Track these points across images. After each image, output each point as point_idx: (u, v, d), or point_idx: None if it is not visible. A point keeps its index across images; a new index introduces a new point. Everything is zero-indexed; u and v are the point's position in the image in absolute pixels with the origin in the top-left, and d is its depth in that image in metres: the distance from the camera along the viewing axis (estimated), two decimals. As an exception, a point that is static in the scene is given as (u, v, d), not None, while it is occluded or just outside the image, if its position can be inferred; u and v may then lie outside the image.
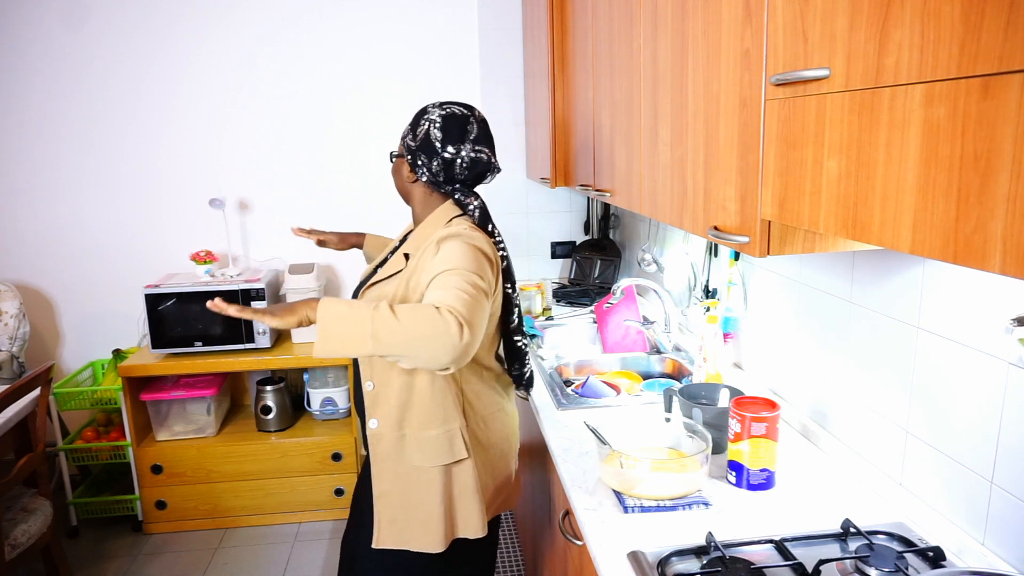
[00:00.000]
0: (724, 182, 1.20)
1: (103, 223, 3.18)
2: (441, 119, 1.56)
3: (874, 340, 1.39)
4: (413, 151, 1.58)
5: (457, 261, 1.41)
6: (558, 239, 3.39)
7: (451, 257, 1.42)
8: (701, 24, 1.26)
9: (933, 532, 1.22)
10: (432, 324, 1.24)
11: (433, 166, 1.56)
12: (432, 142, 1.55)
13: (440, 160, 1.55)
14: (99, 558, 2.83)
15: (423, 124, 1.57)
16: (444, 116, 1.56)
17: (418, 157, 1.57)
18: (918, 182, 0.73)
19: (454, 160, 1.55)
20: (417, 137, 1.57)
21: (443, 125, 1.55)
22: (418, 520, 1.55)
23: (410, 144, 1.58)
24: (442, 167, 1.56)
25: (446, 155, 1.55)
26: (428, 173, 1.57)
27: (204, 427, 3.00)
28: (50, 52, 3.02)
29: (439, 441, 1.53)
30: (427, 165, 1.56)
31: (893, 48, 0.76)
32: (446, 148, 1.55)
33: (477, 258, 1.44)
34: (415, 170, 1.59)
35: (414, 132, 1.58)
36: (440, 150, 1.55)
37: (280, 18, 3.10)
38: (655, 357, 2.24)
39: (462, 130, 1.56)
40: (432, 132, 1.55)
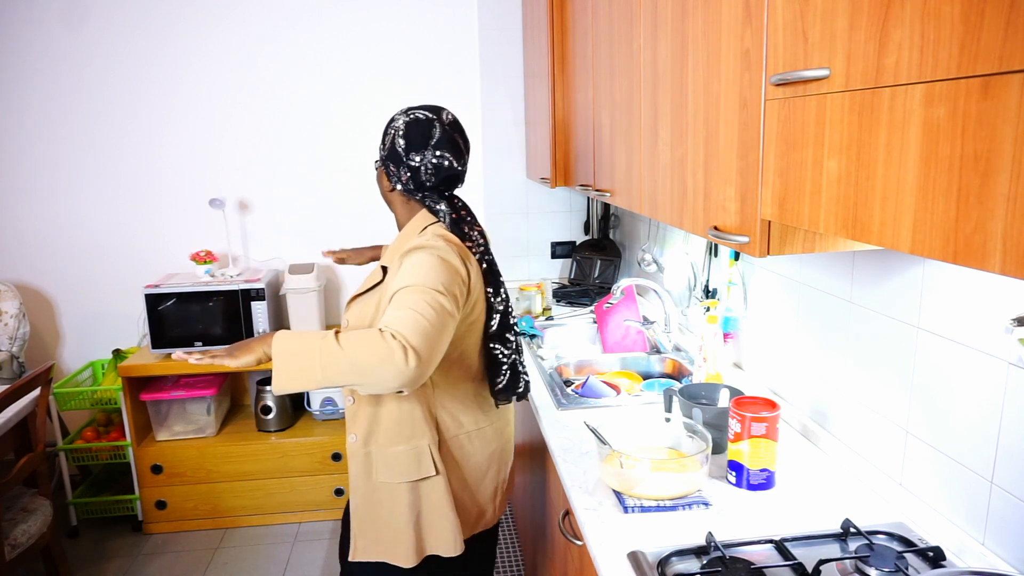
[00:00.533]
0: (724, 182, 1.20)
1: (103, 223, 3.18)
2: (404, 126, 1.53)
3: (874, 340, 1.39)
4: (384, 160, 1.57)
5: (417, 276, 1.35)
6: (558, 239, 3.38)
7: (412, 272, 1.37)
8: (701, 24, 1.26)
9: (933, 532, 1.22)
10: (375, 351, 1.22)
11: (402, 174, 1.54)
12: (397, 151, 1.53)
13: (407, 168, 1.53)
14: (99, 558, 2.83)
15: (389, 133, 1.55)
16: (407, 123, 1.53)
17: (388, 166, 1.56)
18: (918, 182, 0.73)
19: (419, 168, 1.52)
20: (385, 146, 1.56)
21: (406, 132, 1.52)
22: (387, 535, 1.56)
23: (381, 154, 1.58)
24: (409, 175, 1.53)
25: (412, 163, 1.52)
26: (399, 182, 1.55)
27: (204, 427, 3.00)
28: (50, 52, 3.02)
29: (405, 457, 1.52)
30: (397, 174, 1.55)
31: (893, 48, 0.76)
32: (410, 156, 1.52)
33: (440, 271, 1.38)
34: (390, 179, 1.58)
35: (383, 141, 1.58)
36: (405, 158, 1.52)
37: (280, 18, 3.10)
38: (655, 357, 2.24)
39: (425, 136, 1.52)
40: (397, 141, 1.53)
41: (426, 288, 1.33)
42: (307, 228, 3.29)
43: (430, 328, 1.27)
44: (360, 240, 3.31)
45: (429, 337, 1.27)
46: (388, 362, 1.21)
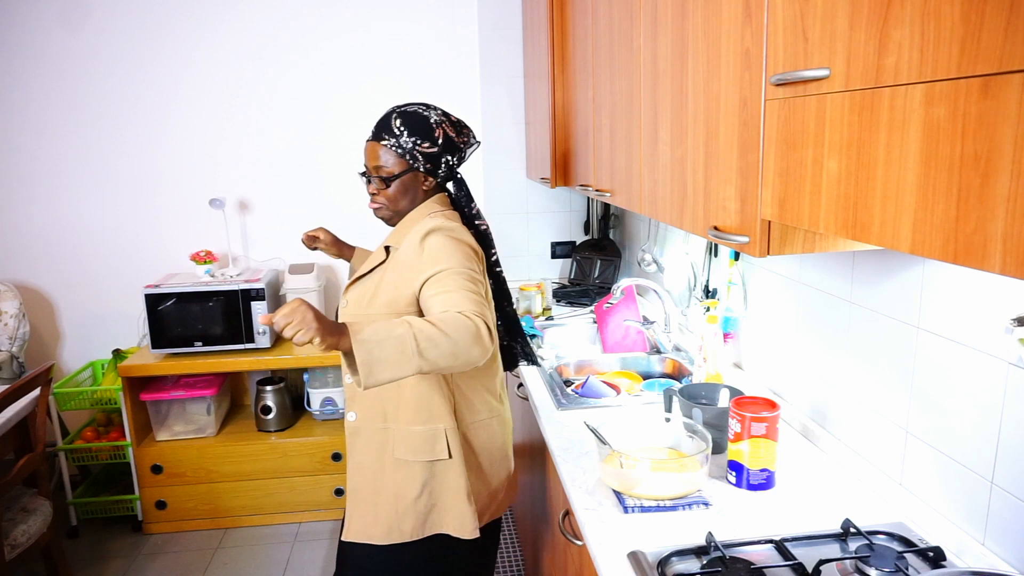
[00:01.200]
0: (724, 182, 1.20)
1: (103, 223, 3.18)
2: (444, 117, 1.58)
3: (874, 340, 1.39)
4: (436, 156, 1.55)
5: (449, 260, 1.43)
6: (558, 239, 3.38)
7: (440, 256, 1.44)
8: (701, 24, 1.26)
9: (933, 532, 1.21)
10: (467, 331, 1.27)
11: (453, 162, 1.59)
12: (454, 140, 1.57)
13: (459, 155, 1.60)
14: (99, 558, 2.83)
15: (435, 126, 1.55)
16: (443, 114, 1.59)
17: (441, 159, 1.57)
18: (918, 182, 0.73)
19: (465, 148, 1.61)
20: (437, 141, 1.55)
21: (450, 122, 1.58)
22: (392, 512, 1.56)
23: (431, 151, 1.54)
24: (457, 160, 1.60)
25: (461, 145, 1.59)
26: (446, 171, 1.59)
27: (204, 427, 3.00)
28: (50, 52, 3.02)
29: (422, 438, 1.54)
30: (449, 163, 1.58)
31: (893, 48, 0.76)
32: (458, 146, 1.59)
33: (465, 251, 1.47)
34: (435, 174, 1.58)
35: (432, 140, 1.54)
36: (457, 147, 1.58)
37: (279, 18, 3.10)
38: (655, 357, 2.24)
39: (460, 126, 1.61)
40: (448, 131, 1.57)
41: (463, 269, 1.42)
42: (307, 228, 3.28)
43: (484, 306, 1.37)
44: (360, 240, 3.31)
45: (488, 313, 1.36)
46: (478, 340, 1.28)
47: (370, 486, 1.58)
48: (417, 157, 1.54)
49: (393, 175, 1.55)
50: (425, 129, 1.54)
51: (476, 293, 1.37)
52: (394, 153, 1.53)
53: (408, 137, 1.53)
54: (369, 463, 1.59)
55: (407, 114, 1.55)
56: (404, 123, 1.53)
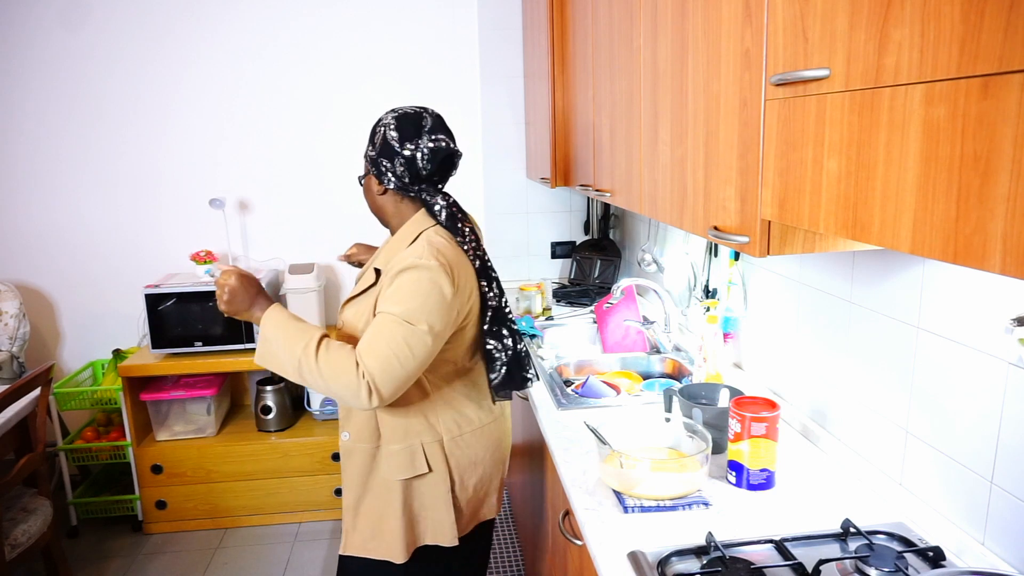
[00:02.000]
0: (724, 182, 1.20)
1: (103, 223, 3.18)
2: (395, 120, 1.54)
3: (874, 340, 1.39)
4: (375, 159, 1.55)
5: (405, 304, 1.40)
6: (558, 239, 3.38)
7: (401, 296, 1.41)
8: (701, 24, 1.26)
9: (933, 532, 1.22)
10: (346, 383, 1.38)
11: (397, 168, 1.53)
12: (390, 143, 1.52)
13: (402, 159, 1.52)
14: (99, 558, 2.83)
15: (379, 131, 1.55)
16: (397, 117, 1.54)
17: (380, 164, 1.54)
18: (918, 182, 0.73)
19: (415, 156, 1.51)
20: (376, 144, 1.54)
21: (397, 125, 1.53)
22: (381, 530, 1.59)
23: (370, 154, 1.56)
24: (405, 166, 1.52)
25: (406, 153, 1.51)
26: (394, 177, 1.54)
27: (204, 427, 3.00)
28: (50, 52, 3.02)
29: (400, 456, 1.55)
30: (391, 169, 1.53)
31: (893, 48, 0.76)
32: (404, 146, 1.51)
33: (428, 300, 1.41)
34: (381, 179, 1.55)
35: (372, 141, 1.56)
36: (399, 149, 1.51)
37: (279, 18, 3.10)
38: (655, 357, 2.24)
39: (416, 126, 1.53)
40: (388, 134, 1.53)
41: (409, 323, 1.40)
42: (307, 228, 3.29)
43: (399, 370, 1.39)
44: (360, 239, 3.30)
45: (396, 379, 1.39)
46: (354, 396, 1.38)
47: (362, 504, 1.61)
48: (366, 159, 1.59)
49: (360, 177, 1.64)
50: (372, 132, 1.58)
51: (395, 356, 1.37)
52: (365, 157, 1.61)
53: (369, 141, 1.59)
54: (359, 482, 1.61)
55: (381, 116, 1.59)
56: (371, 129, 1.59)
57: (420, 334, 1.40)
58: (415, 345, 1.40)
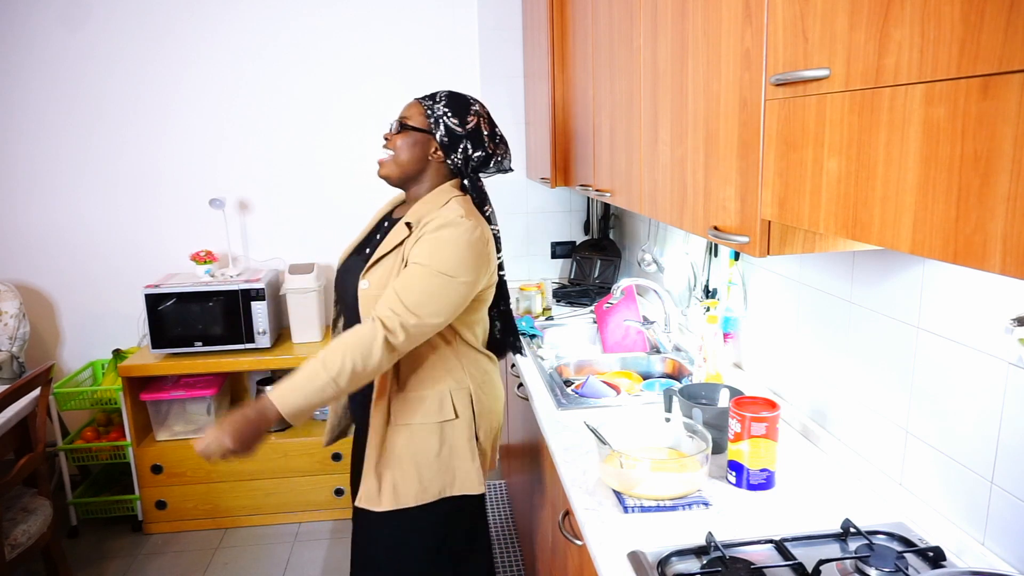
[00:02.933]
0: (724, 182, 1.20)
1: (103, 223, 3.18)
2: (487, 116, 1.67)
3: (874, 340, 1.39)
4: (458, 137, 1.61)
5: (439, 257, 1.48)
6: (558, 239, 3.38)
7: (437, 249, 1.49)
8: (701, 24, 1.26)
9: (933, 532, 1.22)
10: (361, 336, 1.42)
11: (473, 156, 1.63)
12: (482, 136, 1.63)
13: (483, 153, 1.64)
14: (99, 558, 2.83)
15: (472, 116, 1.63)
16: (488, 115, 1.68)
17: (460, 143, 1.62)
18: (918, 182, 0.73)
19: (491, 158, 1.67)
20: (467, 126, 1.62)
21: (489, 123, 1.66)
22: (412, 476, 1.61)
23: (456, 130, 1.61)
24: (479, 160, 1.65)
25: (489, 150, 1.65)
26: (462, 160, 1.63)
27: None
28: (50, 52, 3.02)
29: (429, 402, 1.61)
30: (466, 152, 1.63)
31: (893, 48, 0.76)
32: (488, 146, 1.65)
33: (469, 256, 1.50)
34: (449, 152, 1.62)
35: (462, 120, 1.61)
36: (485, 144, 1.64)
37: (279, 18, 3.10)
38: (655, 357, 2.24)
39: (497, 132, 1.69)
40: (482, 127, 1.64)
41: (446, 275, 1.46)
42: (307, 228, 3.29)
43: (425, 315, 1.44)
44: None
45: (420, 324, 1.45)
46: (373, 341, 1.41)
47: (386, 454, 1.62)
48: (440, 125, 1.61)
49: (410, 124, 1.64)
50: (462, 108, 1.63)
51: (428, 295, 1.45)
52: (423, 111, 1.63)
53: (443, 107, 1.62)
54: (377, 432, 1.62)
55: (455, 94, 1.66)
56: (447, 96, 1.64)
57: (456, 285, 1.48)
58: (448, 295, 1.48)
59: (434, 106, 1.62)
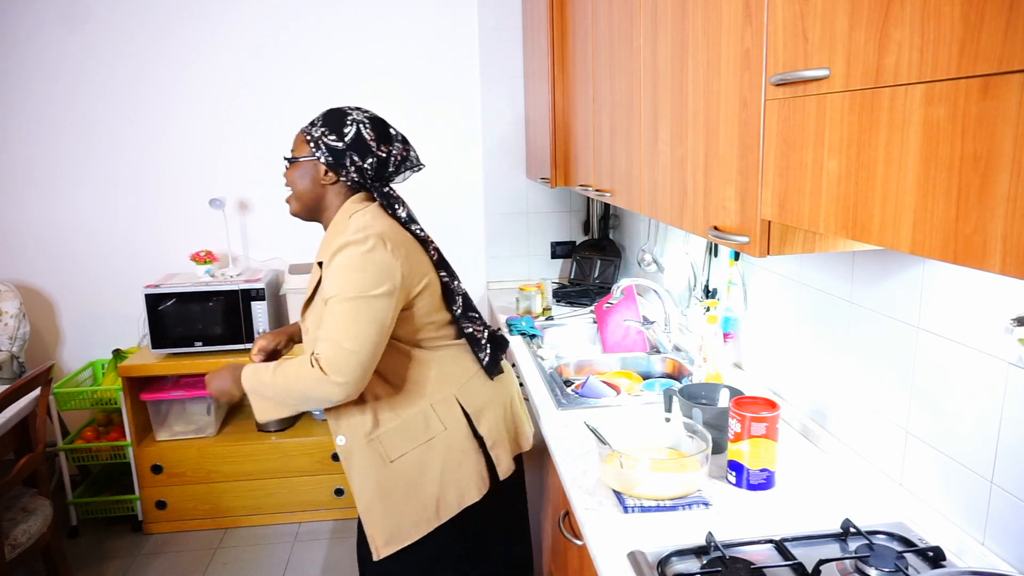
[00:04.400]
0: (724, 182, 1.20)
1: (103, 223, 3.18)
2: (369, 120, 1.56)
3: (874, 340, 1.39)
4: (340, 151, 1.54)
5: (343, 283, 1.43)
6: (558, 239, 3.38)
7: (338, 277, 1.44)
8: (701, 24, 1.26)
9: (933, 532, 1.22)
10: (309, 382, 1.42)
11: (365, 165, 1.55)
12: (367, 142, 1.54)
13: (374, 159, 1.55)
14: (99, 558, 2.83)
15: (350, 125, 1.54)
16: (371, 118, 1.57)
17: (348, 156, 1.54)
18: (918, 182, 0.73)
19: (388, 159, 1.57)
20: (346, 138, 1.54)
21: (372, 126, 1.56)
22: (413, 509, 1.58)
23: (336, 145, 1.54)
24: (375, 167, 1.56)
25: (381, 154, 1.56)
26: (357, 173, 1.55)
27: (204, 427, 3.00)
28: (50, 52, 3.02)
29: (413, 424, 1.57)
30: (355, 164, 1.54)
31: (893, 48, 0.76)
32: (380, 147, 1.56)
33: (367, 265, 1.43)
34: (338, 171, 1.55)
35: (339, 134, 1.54)
36: (375, 149, 1.55)
37: (279, 18, 3.10)
38: (655, 357, 2.24)
39: (386, 132, 1.58)
40: (364, 132, 1.54)
41: (352, 299, 1.42)
42: (307, 228, 3.27)
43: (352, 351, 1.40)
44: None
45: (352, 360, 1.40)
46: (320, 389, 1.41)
47: (384, 495, 1.59)
48: (320, 147, 1.55)
49: (295, 156, 1.59)
50: (337, 123, 1.55)
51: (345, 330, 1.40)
52: (304, 139, 1.58)
53: (320, 128, 1.56)
54: (372, 477, 1.59)
55: (331, 110, 1.59)
56: (323, 116, 1.58)
57: (371, 301, 1.42)
58: (370, 314, 1.42)
59: (312, 130, 1.56)
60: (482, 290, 3.40)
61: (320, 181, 1.58)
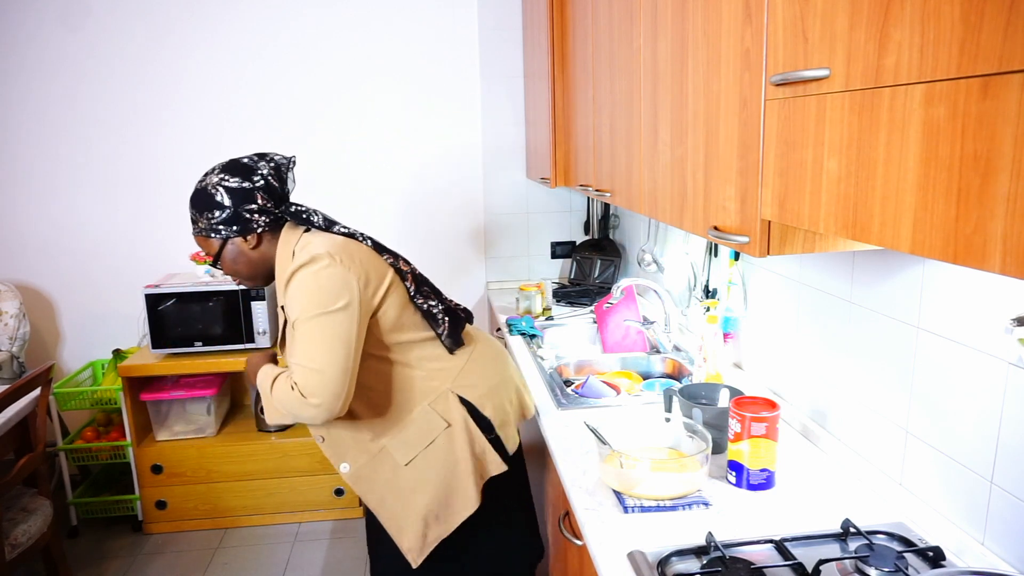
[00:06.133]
0: (724, 182, 1.20)
1: (103, 223, 3.18)
2: (223, 170, 1.52)
3: (874, 340, 1.39)
4: (235, 213, 1.50)
5: (299, 306, 1.43)
6: (558, 239, 3.38)
7: (293, 303, 1.44)
8: (701, 24, 1.26)
9: (933, 532, 1.22)
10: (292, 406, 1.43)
11: (259, 202, 1.52)
12: (241, 188, 1.50)
13: (260, 192, 1.52)
14: (99, 558, 2.83)
15: (214, 192, 1.50)
16: (223, 168, 1.53)
17: (242, 212, 1.50)
18: (918, 182, 0.73)
19: (267, 180, 1.53)
20: (224, 205, 1.50)
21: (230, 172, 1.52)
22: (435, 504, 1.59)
23: (225, 215, 1.50)
24: (266, 195, 1.53)
25: (258, 182, 1.52)
26: (261, 215, 1.52)
27: (204, 427, 3.00)
28: (49, 52, 3.02)
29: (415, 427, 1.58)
30: (256, 209, 1.51)
31: (893, 48, 0.76)
32: (252, 180, 1.51)
33: (318, 284, 1.42)
34: (250, 228, 1.52)
35: (216, 206, 1.50)
36: (251, 187, 1.51)
37: (279, 18, 3.10)
38: (655, 357, 2.24)
39: (243, 165, 1.54)
40: (229, 184, 1.50)
41: (311, 319, 1.42)
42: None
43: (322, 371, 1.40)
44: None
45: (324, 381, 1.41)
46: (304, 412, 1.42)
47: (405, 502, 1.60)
48: (218, 229, 1.51)
49: (212, 252, 1.56)
50: (207, 202, 1.50)
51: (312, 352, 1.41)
52: (203, 237, 1.54)
53: (202, 218, 1.52)
54: (388, 491, 1.61)
55: (193, 196, 1.54)
56: (192, 206, 1.54)
57: (334, 315, 1.42)
58: (335, 329, 1.42)
59: (200, 225, 1.52)
60: (482, 290, 3.40)
61: (248, 249, 1.55)
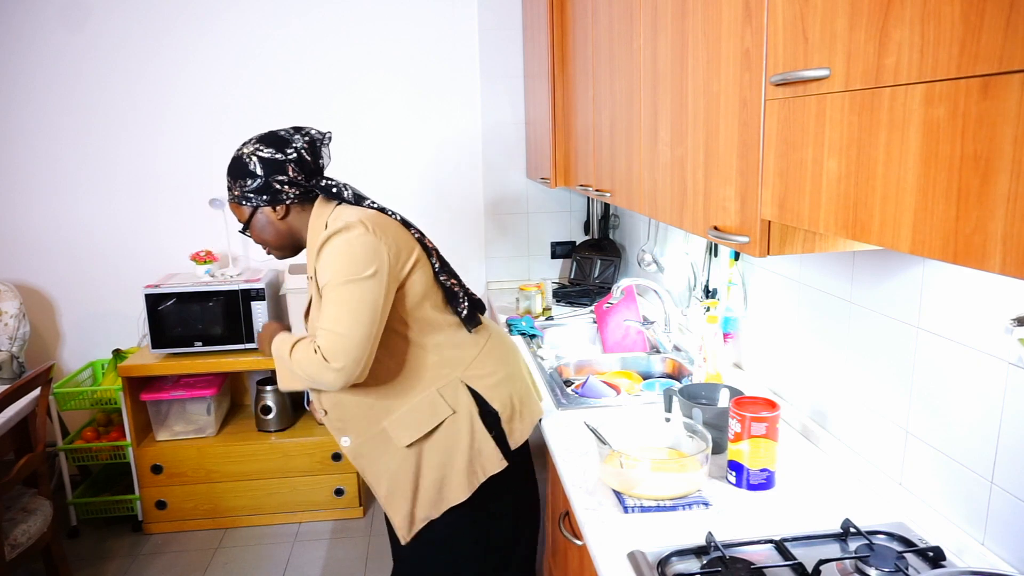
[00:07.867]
0: (724, 182, 1.20)
1: (103, 223, 3.18)
2: (259, 141, 1.57)
3: (874, 340, 1.39)
4: (265, 183, 1.55)
5: (332, 270, 1.45)
6: (558, 239, 3.38)
7: (326, 268, 1.47)
8: (701, 24, 1.26)
9: (933, 532, 1.22)
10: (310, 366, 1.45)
11: (291, 175, 1.56)
12: (273, 159, 1.55)
13: (292, 165, 1.56)
14: (99, 558, 2.83)
15: (248, 161, 1.55)
16: (260, 139, 1.57)
17: (273, 183, 1.55)
18: (918, 182, 0.73)
19: (300, 154, 1.58)
20: (255, 173, 1.55)
21: (266, 143, 1.56)
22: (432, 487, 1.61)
23: (256, 184, 1.55)
24: (297, 168, 1.57)
25: (291, 155, 1.56)
26: (291, 187, 1.56)
27: (204, 427, 3.00)
28: (49, 52, 3.02)
29: (419, 410, 1.59)
30: (286, 180, 1.56)
31: (893, 48, 0.76)
32: (286, 153, 1.56)
33: (350, 251, 1.45)
34: (279, 198, 1.57)
35: (251, 175, 1.55)
36: (283, 158, 1.56)
37: (278, 17, 3.10)
38: (655, 357, 2.24)
39: (279, 137, 1.58)
40: (263, 155, 1.55)
41: (342, 284, 1.44)
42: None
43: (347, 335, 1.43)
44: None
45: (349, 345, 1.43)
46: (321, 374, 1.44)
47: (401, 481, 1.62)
48: (249, 197, 1.57)
49: (244, 223, 1.62)
50: (242, 169, 1.56)
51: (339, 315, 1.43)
52: (234, 205, 1.61)
53: (235, 184, 1.58)
54: (386, 469, 1.62)
55: (232, 163, 1.59)
56: (228, 174, 1.59)
57: (364, 282, 1.44)
58: (364, 296, 1.44)
59: (233, 192, 1.58)
60: (482, 290, 3.40)
61: (276, 219, 1.60)
